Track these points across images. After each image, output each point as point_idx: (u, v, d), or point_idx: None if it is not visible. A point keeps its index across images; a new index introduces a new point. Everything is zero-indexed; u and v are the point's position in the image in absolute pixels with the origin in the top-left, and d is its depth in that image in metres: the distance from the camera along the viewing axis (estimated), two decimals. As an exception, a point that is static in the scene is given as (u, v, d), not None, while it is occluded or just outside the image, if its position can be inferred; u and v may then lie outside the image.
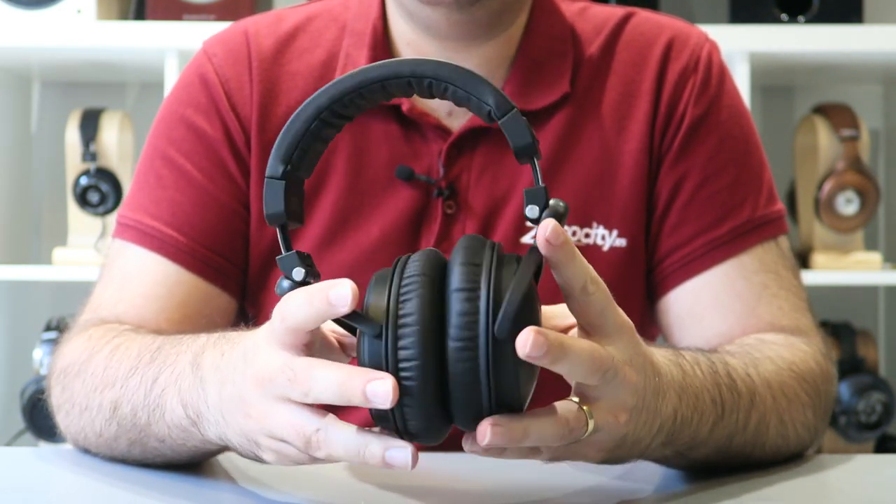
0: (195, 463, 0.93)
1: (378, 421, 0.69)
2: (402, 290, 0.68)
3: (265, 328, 0.74)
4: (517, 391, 0.68)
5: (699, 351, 0.90)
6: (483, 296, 0.67)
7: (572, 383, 0.73)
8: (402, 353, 0.67)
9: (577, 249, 0.70)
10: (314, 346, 0.73)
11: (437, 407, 0.68)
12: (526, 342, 0.66)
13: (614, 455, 0.78)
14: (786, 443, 0.95)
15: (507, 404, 0.68)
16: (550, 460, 0.75)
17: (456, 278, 0.68)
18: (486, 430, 0.67)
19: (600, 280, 0.72)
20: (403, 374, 0.67)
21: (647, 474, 0.93)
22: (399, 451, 0.68)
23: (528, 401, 0.71)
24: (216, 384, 0.77)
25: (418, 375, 0.67)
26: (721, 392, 0.87)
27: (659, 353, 0.81)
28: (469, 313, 0.67)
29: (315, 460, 0.73)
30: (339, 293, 0.68)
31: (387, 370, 0.67)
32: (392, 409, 0.68)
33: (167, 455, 0.88)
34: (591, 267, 0.71)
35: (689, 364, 0.85)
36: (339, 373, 0.68)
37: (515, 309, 0.66)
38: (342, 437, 0.70)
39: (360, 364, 0.68)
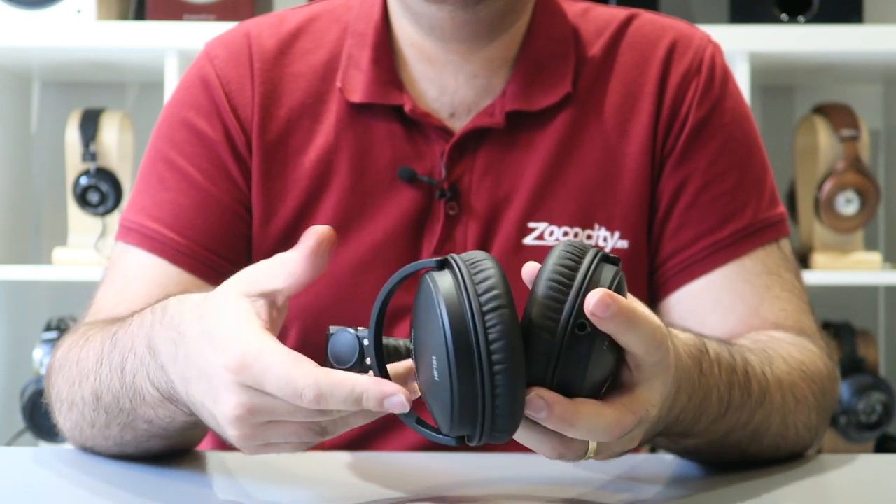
0: (187, 450, 0.94)
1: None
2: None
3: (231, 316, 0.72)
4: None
5: (724, 343, 0.90)
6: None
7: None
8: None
9: (636, 313, 0.68)
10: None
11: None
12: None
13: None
14: (784, 441, 0.96)
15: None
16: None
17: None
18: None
19: (663, 341, 0.71)
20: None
21: (650, 473, 0.93)
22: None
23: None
24: (180, 380, 0.77)
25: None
26: (732, 392, 0.87)
27: (684, 349, 0.80)
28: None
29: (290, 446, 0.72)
30: (395, 401, 0.67)
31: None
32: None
33: (160, 434, 0.89)
34: (655, 328, 0.70)
35: (710, 361, 0.84)
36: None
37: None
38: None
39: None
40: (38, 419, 2.19)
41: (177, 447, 0.94)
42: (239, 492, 0.86)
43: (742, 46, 2.11)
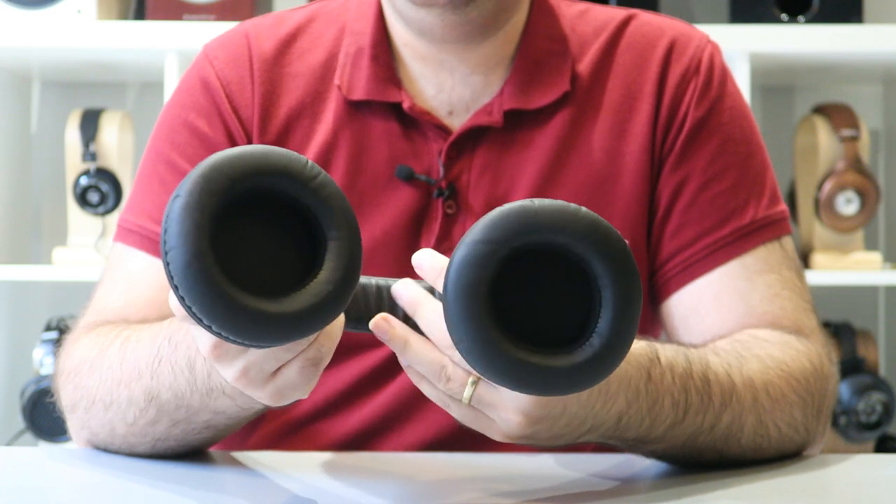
0: (203, 450, 0.96)
1: None
2: None
3: None
4: None
5: (682, 350, 0.92)
6: None
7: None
8: None
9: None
10: None
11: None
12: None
13: (529, 442, 0.82)
14: (766, 441, 0.96)
15: None
16: (460, 419, 0.81)
17: None
18: (377, 321, 0.79)
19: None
20: None
21: (650, 473, 0.93)
22: None
23: None
24: None
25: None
26: (688, 396, 0.89)
27: (629, 359, 0.83)
28: None
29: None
30: None
31: None
32: None
33: (218, 425, 0.90)
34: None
35: (661, 369, 0.87)
36: None
37: None
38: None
39: None
40: (38, 419, 2.19)
41: (216, 439, 0.96)
42: (240, 491, 0.86)
43: (742, 46, 2.11)
